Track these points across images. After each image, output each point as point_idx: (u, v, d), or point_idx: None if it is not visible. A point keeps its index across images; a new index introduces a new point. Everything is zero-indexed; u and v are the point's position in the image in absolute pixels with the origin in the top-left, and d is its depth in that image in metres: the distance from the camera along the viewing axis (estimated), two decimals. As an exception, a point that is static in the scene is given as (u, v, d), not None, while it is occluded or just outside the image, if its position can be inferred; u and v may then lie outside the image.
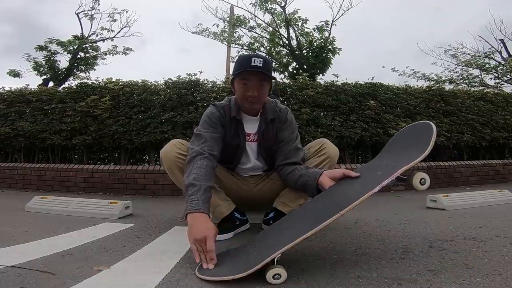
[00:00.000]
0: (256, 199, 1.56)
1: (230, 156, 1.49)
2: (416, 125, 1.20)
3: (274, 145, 1.48)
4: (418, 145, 1.02)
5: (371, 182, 0.99)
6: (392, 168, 0.99)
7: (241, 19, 6.33)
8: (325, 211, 0.99)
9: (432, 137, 0.98)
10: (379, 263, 1.03)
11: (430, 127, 1.03)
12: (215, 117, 1.41)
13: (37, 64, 5.95)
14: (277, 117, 1.48)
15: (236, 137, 1.45)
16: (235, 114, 1.43)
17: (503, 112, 4.32)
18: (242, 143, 1.47)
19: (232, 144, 1.45)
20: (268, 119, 1.46)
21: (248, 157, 1.52)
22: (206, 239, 1.00)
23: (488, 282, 0.85)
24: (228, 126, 1.44)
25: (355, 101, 3.62)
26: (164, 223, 1.75)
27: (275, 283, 0.87)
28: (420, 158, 0.96)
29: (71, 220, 1.80)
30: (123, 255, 1.15)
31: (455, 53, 7.95)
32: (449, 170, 3.67)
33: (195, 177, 1.17)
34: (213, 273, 0.92)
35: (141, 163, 3.94)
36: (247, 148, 1.49)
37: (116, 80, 3.76)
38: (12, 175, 3.60)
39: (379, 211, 2.09)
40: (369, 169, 1.21)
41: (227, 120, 1.43)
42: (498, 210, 2.02)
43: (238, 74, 1.36)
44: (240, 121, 1.45)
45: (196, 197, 1.12)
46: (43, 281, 0.88)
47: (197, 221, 1.06)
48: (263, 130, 1.47)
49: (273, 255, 0.89)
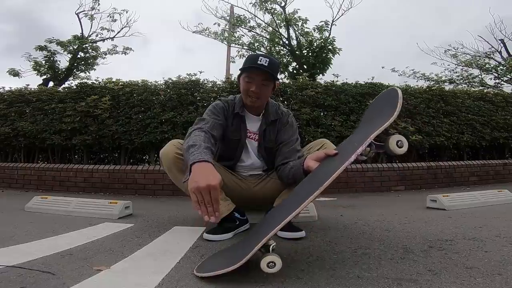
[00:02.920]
0: (256, 199, 1.56)
1: (231, 151, 1.53)
2: (383, 94, 1.20)
3: (274, 147, 1.51)
4: (386, 110, 1.03)
5: (348, 154, 0.99)
6: (365, 136, 0.99)
7: (241, 19, 6.33)
8: (309, 189, 0.99)
9: (399, 101, 0.99)
10: (379, 263, 1.03)
11: (396, 92, 1.04)
12: (219, 107, 1.48)
13: (37, 64, 5.95)
14: (279, 119, 1.53)
15: (238, 132, 1.50)
16: (239, 110, 1.49)
17: (503, 112, 4.32)
18: (243, 139, 1.51)
19: (233, 139, 1.50)
20: (270, 120, 1.52)
21: (248, 153, 1.55)
22: (211, 188, 0.92)
23: (488, 282, 0.85)
24: (230, 120, 1.49)
25: (355, 101, 3.62)
26: (164, 223, 1.75)
27: (270, 272, 0.87)
28: (389, 122, 0.96)
29: (71, 220, 1.80)
30: (123, 255, 1.15)
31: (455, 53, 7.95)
32: (449, 170, 3.67)
33: (194, 141, 1.16)
34: (210, 269, 0.93)
35: (141, 163, 3.94)
36: (248, 145, 1.53)
37: (116, 80, 3.77)
38: (12, 175, 3.60)
39: (379, 211, 2.09)
40: (348, 143, 1.21)
41: (230, 113, 1.50)
42: (498, 210, 2.02)
43: (244, 70, 1.43)
44: (243, 118, 1.51)
45: (198, 151, 1.08)
46: (43, 281, 0.88)
47: (202, 168, 0.99)
48: (264, 130, 1.52)
49: (263, 240, 0.89)
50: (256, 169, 1.59)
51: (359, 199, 2.82)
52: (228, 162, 1.56)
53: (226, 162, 1.55)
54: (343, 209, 2.26)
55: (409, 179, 3.48)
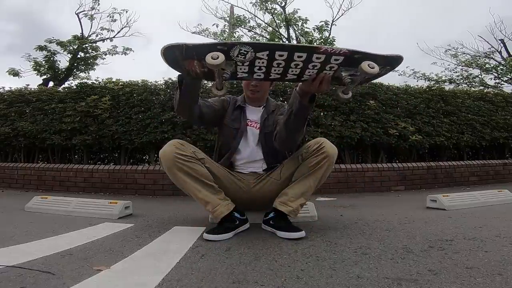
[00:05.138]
0: (256, 199, 1.57)
1: (229, 139, 1.62)
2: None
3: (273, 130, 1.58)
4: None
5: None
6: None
7: (241, 19, 6.34)
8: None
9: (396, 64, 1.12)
10: (379, 263, 1.03)
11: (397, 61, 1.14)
12: (221, 98, 1.64)
13: (37, 64, 5.96)
14: (277, 108, 1.68)
15: (237, 121, 1.63)
16: (240, 103, 1.67)
17: (503, 112, 4.32)
18: (243, 128, 1.62)
19: (232, 127, 1.63)
20: (270, 110, 1.67)
21: (247, 141, 1.62)
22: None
23: (488, 282, 0.85)
24: (230, 110, 1.65)
25: (355, 101, 3.62)
26: (164, 223, 1.75)
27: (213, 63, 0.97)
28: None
29: (71, 220, 1.80)
30: (123, 255, 1.15)
31: (456, 53, 7.96)
32: (449, 170, 3.67)
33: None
34: None
35: (141, 163, 3.93)
36: (248, 132, 1.63)
37: (116, 80, 3.77)
38: (12, 175, 3.60)
39: (379, 211, 2.09)
40: None
41: (231, 105, 1.66)
42: (498, 210, 2.02)
43: None
44: (244, 109, 1.67)
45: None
46: (43, 281, 0.88)
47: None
48: (264, 119, 1.64)
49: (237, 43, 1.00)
50: (255, 163, 1.61)
51: (359, 199, 2.82)
52: (226, 151, 1.63)
53: (224, 150, 1.63)
54: (343, 209, 2.26)
55: (409, 179, 3.48)
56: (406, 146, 3.61)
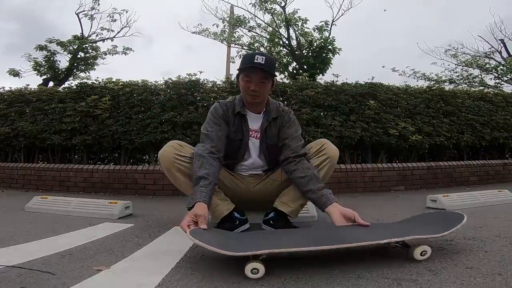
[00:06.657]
0: (255, 199, 1.56)
1: (233, 151, 1.53)
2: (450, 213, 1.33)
3: (278, 143, 1.52)
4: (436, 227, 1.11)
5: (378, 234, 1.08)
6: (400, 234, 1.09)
7: (241, 19, 6.33)
8: (327, 238, 1.10)
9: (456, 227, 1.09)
10: (379, 263, 1.03)
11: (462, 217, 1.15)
12: (218, 115, 1.49)
13: (37, 64, 5.96)
14: (280, 116, 1.54)
15: (240, 132, 1.52)
16: (240, 109, 1.50)
17: (503, 112, 4.31)
18: (246, 139, 1.52)
19: (235, 139, 1.51)
20: (271, 117, 1.53)
21: (249, 153, 1.55)
22: (204, 217, 1.17)
23: (488, 282, 0.85)
24: (231, 121, 1.51)
25: (355, 101, 3.62)
26: (164, 223, 1.75)
27: (252, 277, 0.90)
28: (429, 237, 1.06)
29: (71, 220, 1.80)
30: (123, 255, 1.15)
31: (455, 53, 7.95)
32: (449, 170, 3.67)
33: (207, 173, 1.30)
34: (203, 240, 0.97)
35: (141, 163, 3.93)
36: (249, 144, 1.54)
37: (116, 80, 3.76)
38: (12, 175, 3.59)
39: (379, 211, 2.09)
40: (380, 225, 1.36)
41: (230, 116, 1.51)
42: (498, 210, 2.02)
43: (241, 70, 1.45)
44: (244, 117, 1.52)
45: (206, 190, 1.26)
46: (43, 281, 0.88)
47: (202, 206, 1.21)
48: (265, 128, 1.53)
49: (261, 251, 0.92)
50: (256, 169, 1.59)
51: (359, 199, 2.82)
52: (230, 161, 1.56)
53: (228, 161, 1.55)
54: (343, 209, 2.25)
55: (409, 179, 3.48)
56: (406, 146, 3.61)
